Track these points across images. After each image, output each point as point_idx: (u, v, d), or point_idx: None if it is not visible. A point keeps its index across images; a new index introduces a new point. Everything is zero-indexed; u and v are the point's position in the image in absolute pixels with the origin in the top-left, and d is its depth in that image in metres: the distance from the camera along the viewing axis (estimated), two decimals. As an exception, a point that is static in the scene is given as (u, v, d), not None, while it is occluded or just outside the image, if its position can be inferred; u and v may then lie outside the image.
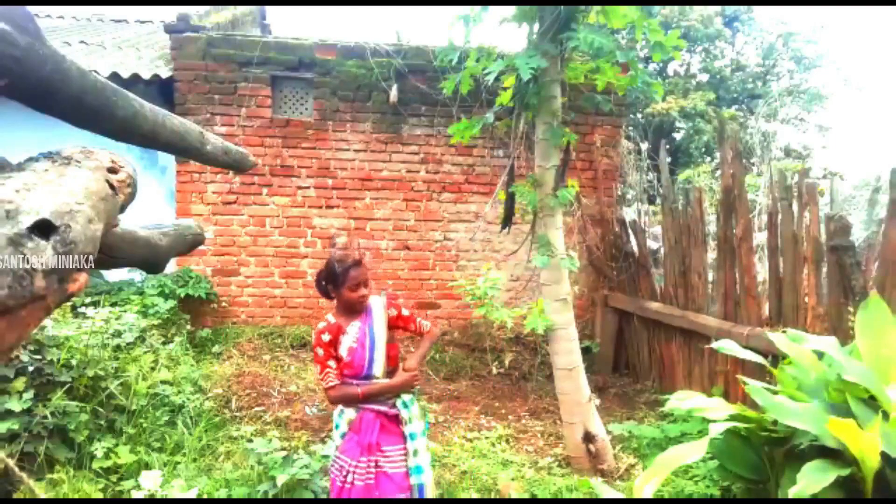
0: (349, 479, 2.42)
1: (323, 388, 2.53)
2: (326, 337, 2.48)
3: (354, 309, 2.53)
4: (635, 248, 5.47)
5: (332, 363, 2.46)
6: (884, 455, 2.04)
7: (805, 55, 19.23)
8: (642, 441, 3.89)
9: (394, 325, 2.60)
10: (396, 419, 2.52)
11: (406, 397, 2.54)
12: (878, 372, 2.31)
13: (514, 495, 3.24)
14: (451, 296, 5.78)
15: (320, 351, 2.47)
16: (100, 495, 2.93)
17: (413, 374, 2.53)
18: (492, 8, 3.33)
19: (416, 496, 2.47)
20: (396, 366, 2.57)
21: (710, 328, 4.21)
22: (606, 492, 2.47)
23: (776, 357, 3.08)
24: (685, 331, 4.65)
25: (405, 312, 2.64)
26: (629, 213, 5.88)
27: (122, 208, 1.25)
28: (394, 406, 2.51)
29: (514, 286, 5.98)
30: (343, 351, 2.47)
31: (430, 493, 2.49)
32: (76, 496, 2.84)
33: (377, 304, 2.59)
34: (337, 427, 2.56)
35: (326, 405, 4.38)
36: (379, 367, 2.49)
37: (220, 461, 3.46)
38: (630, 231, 5.58)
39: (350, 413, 2.51)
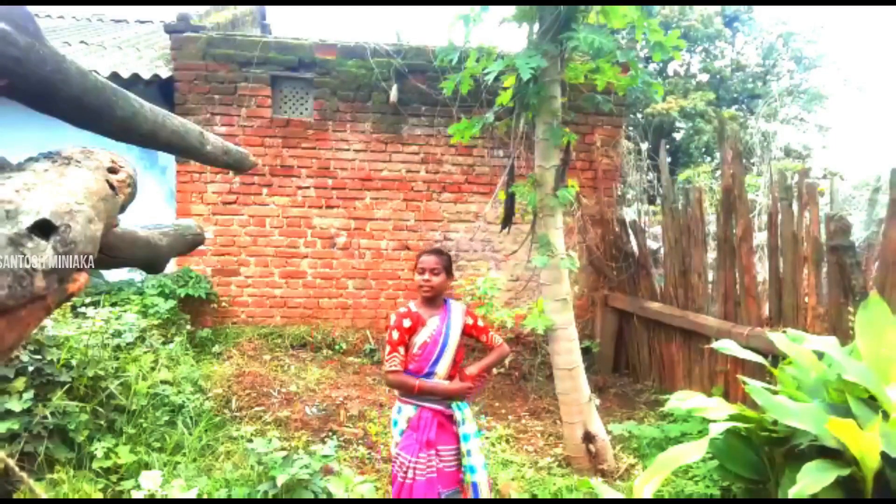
0: (409, 475, 2.49)
1: (385, 369, 2.61)
2: (407, 323, 2.58)
3: (424, 294, 2.62)
4: (635, 248, 5.47)
5: (401, 349, 2.55)
6: (884, 455, 2.04)
7: (805, 55, 19.24)
8: (642, 441, 3.89)
9: (468, 333, 2.69)
10: (451, 419, 2.59)
11: (460, 399, 2.61)
12: (878, 372, 2.31)
13: (514, 495, 3.24)
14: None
15: (395, 334, 2.56)
16: (100, 495, 2.93)
17: (470, 384, 2.60)
18: (492, 8, 3.33)
19: (471, 495, 2.55)
20: (457, 373, 2.64)
21: (710, 328, 4.21)
22: (606, 492, 2.47)
23: (776, 357, 3.08)
24: (685, 331, 4.65)
25: (480, 323, 2.74)
26: (629, 213, 5.87)
27: (123, 208, 1.25)
28: (449, 406, 2.59)
29: (514, 286, 5.98)
30: (417, 341, 2.56)
31: (485, 491, 2.56)
32: (76, 496, 2.84)
33: (457, 309, 2.70)
34: (395, 424, 2.63)
35: (326, 405, 4.38)
36: (444, 368, 2.57)
37: (220, 461, 3.46)
38: (630, 231, 5.58)
39: (409, 410, 2.58)
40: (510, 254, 5.55)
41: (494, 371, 5.33)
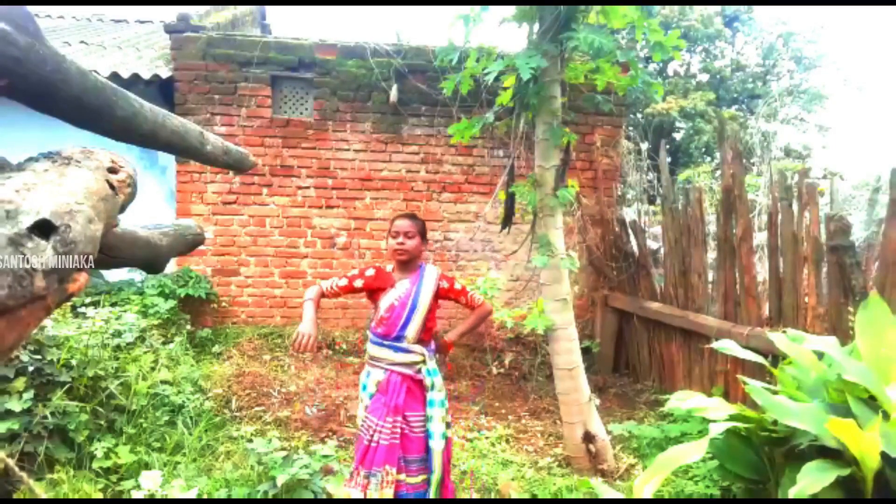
0: (374, 437, 2.53)
1: (319, 283, 2.70)
2: (370, 272, 2.67)
3: (397, 260, 2.65)
4: (635, 248, 5.47)
5: (344, 281, 2.66)
6: (884, 455, 2.04)
7: (805, 55, 19.24)
8: (642, 441, 3.89)
9: (444, 296, 2.72)
10: (421, 385, 2.62)
11: (431, 365, 2.64)
12: (878, 372, 2.31)
13: (514, 495, 3.24)
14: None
15: (352, 272, 2.69)
16: (100, 495, 2.93)
17: (305, 343, 2.52)
18: (492, 8, 3.33)
19: (429, 460, 2.59)
20: (429, 338, 2.69)
21: (710, 328, 4.21)
22: (606, 492, 2.47)
23: (776, 357, 3.08)
24: (685, 331, 4.65)
25: (457, 286, 2.76)
26: (629, 213, 5.87)
27: (123, 208, 1.25)
28: (419, 372, 2.62)
29: (514, 286, 5.98)
30: (383, 304, 2.61)
31: (438, 459, 2.59)
32: (76, 496, 2.84)
33: (430, 273, 2.71)
34: (364, 388, 2.68)
35: (326, 405, 4.38)
36: (412, 331, 2.60)
37: (220, 461, 3.46)
38: (630, 231, 5.58)
39: (378, 374, 2.63)
40: (510, 254, 5.55)
41: (495, 371, 5.33)
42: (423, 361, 2.64)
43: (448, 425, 2.72)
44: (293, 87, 5.82)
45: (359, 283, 2.66)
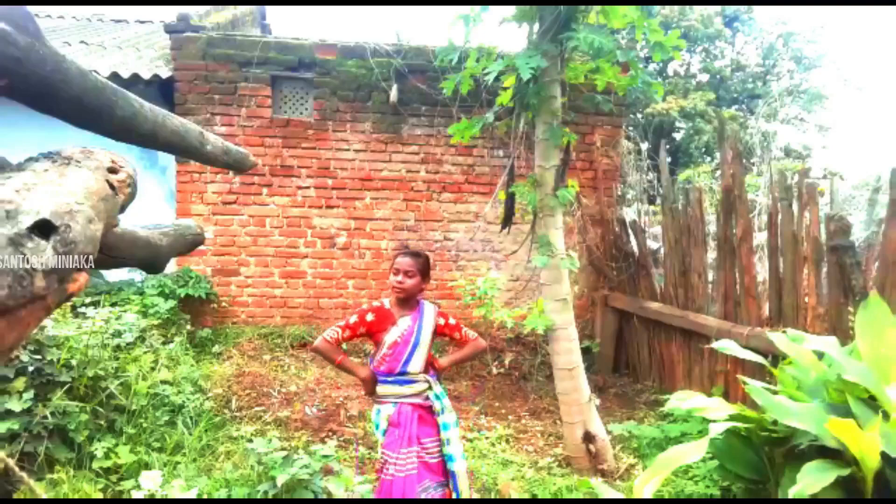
0: (390, 470, 2.52)
1: (322, 335, 2.64)
2: (370, 317, 2.64)
3: (397, 296, 2.65)
4: (635, 248, 5.47)
5: (347, 332, 2.62)
6: (884, 455, 2.04)
7: (805, 55, 19.24)
8: (642, 441, 3.89)
9: (440, 332, 2.74)
10: (430, 410, 2.64)
11: (438, 389, 2.66)
12: (878, 372, 2.31)
13: (514, 495, 3.24)
14: (451, 296, 5.78)
15: (353, 318, 2.63)
16: (100, 495, 2.93)
17: (371, 386, 2.65)
18: (492, 8, 3.33)
19: (451, 483, 2.60)
20: (429, 369, 2.70)
21: (710, 328, 4.21)
22: (606, 492, 2.47)
23: (776, 357, 3.08)
24: (685, 331, 4.65)
25: (452, 322, 2.78)
26: (629, 213, 5.87)
27: (122, 208, 1.25)
28: (427, 398, 2.64)
29: (514, 286, 5.98)
30: (387, 340, 2.60)
31: (463, 480, 2.60)
32: (76, 496, 2.84)
33: (429, 310, 2.73)
34: (377, 427, 2.67)
35: (326, 405, 4.38)
36: (416, 367, 2.61)
37: (220, 461, 3.46)
38: (630, 231, 5.58)
39: (388, 409, 2.62)
40: (510, 254, 5.55)
41: (495, 371, 5.33)
42: (430, 387, 2.65)
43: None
44: (293, 87, 5.82)
45: (362, 330, 2.65)
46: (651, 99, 14.72)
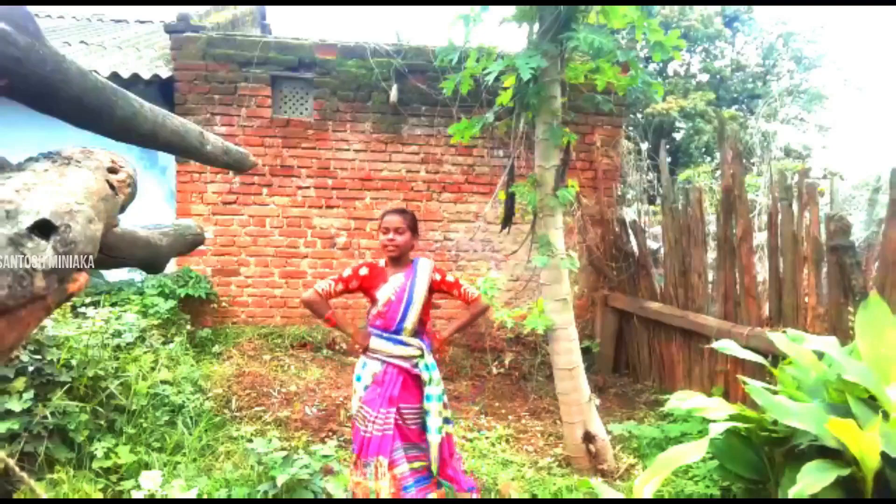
0: (369, 428, 2.57)
1: (314, 287, 2.68)
2: (364, 271, 2.67)
3: (389, 254, 2.66)
4: (635, 248, 5.47)
5: (340, 286, 2.66)
6: (884, 455, 2.04)
7: (805, 55, 19.24)
8: (642, 441, 3.89)
9: (437, 288, 2.74)
10: (418, 379, 2.64)
11: (429, 360, 2.66)
12: (878, 372, 2.31)
13: (514, 495, 3.24)
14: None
15: (346, 272, 2.68)
16: (100, 495, 2.93)
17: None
18: (492, 8, 3.33)
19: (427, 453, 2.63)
20: (425, 332, 2.72)
21: (710, 328, 4.21)
22: (606, 492, 2.47)
23: (776, 357, 3.08)
24: (685, 331, 4.65)
25: (449, 278, 2.77)
26: (629, 213, 5.87)
27: (122, 208, 1.25)
28: (416, 366, 2.64)
29: (514, 286, 5.98)
30: (380, 298, 2.63)
31: (434, 453, 2.62)
32: (76, 496, 2.84)
33: (424, 266, 2.72)
34: (359, 379, 2.70)
35: (326, 405, 4.38)
36: (410, 323, 2.63)
37: (220, 461, 3.46)
38: (630, 231, 5.58)
39: (375, 366, 2.66)
40: (510, 254, 5.55)
41: (495, 371, 5.33)
42: (421, 356, 2.66)
43: (447, 420, 2.72)
44: (293, 87, 5.82)
45: (354, 284, 2.68)
46: (651, 99, 14.72)
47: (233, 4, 7.81)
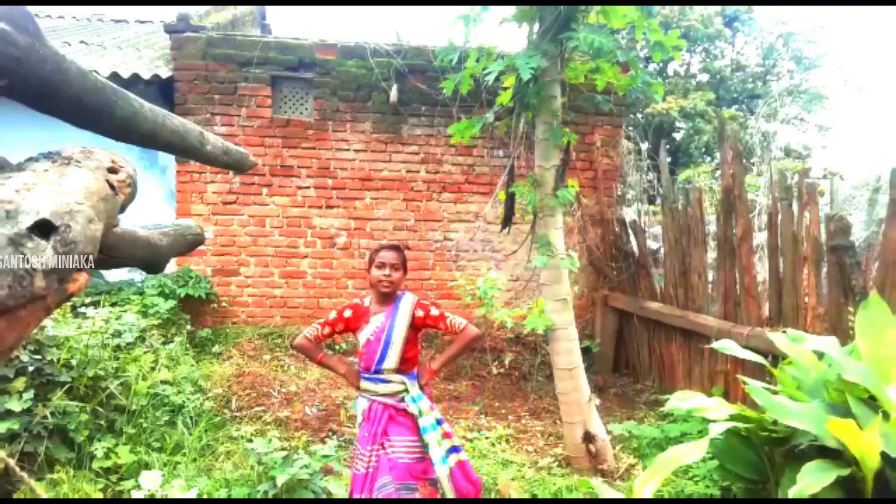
0: (357, 465, 2.55)
1: (303, 332, 2.68)
2: (348, 313, 2.65)
3: (380, 292, 2.61)
4: (635, 248, 5.47)
5: (327, 329, 2.65)
6: (884, 455, 2.04)
7: (805, 55, 19.24)
8: (642, 441, 3.89)
9: (421, 325, 2.64)
10: (406, 413, 2.58)
11: (414, 392, 2.58)
12: (878, 372, 2.31)
13: (514, 495, 3.24)
14: (451, 296, 5.78)
15: (332, 314, 2.66)
16: (100, 495, 2.93)
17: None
18: (492, 8, 3.33)
19: (436, 491, 2.54)
20: (411, 368, 2.64)
21: (710, 328, 4.21)
22: (606, 492, 2.47)
23: (776, 357, 3.08)
24: (685, 331, 4.65)
25: (433, 312, 2.67)
26: (629, 213, 5.87)
27: (122, 208, 1.25)
28: (402, 401, 2.57)
29: (514, 286, 5.98)
30: (361, 339, 2.61)
31: (446, 485, 2.50)
32: (76, 496, 2.84)
33: (406, 303, 2.64)
34: (357, 418, 2.72)
35: (326, 405, 4.38)
36: (390, 364, 2.56)
37: (220, 461, 3.46)
38: (630, 231, 5.58)
39: (362, 402, 2.64)
40: (510, 254, 5.55)
41: (495, 371, 5.33)
42: (405, 390, 2.58)
43: (454, 449, 2.59)
44: (293, 87, 5.82)
45: (340, 326, 2.66)
46: (651, 99, 14.72)
47: (233, 4, 7.81)
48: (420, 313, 2.62)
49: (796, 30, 19.14)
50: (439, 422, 2.59)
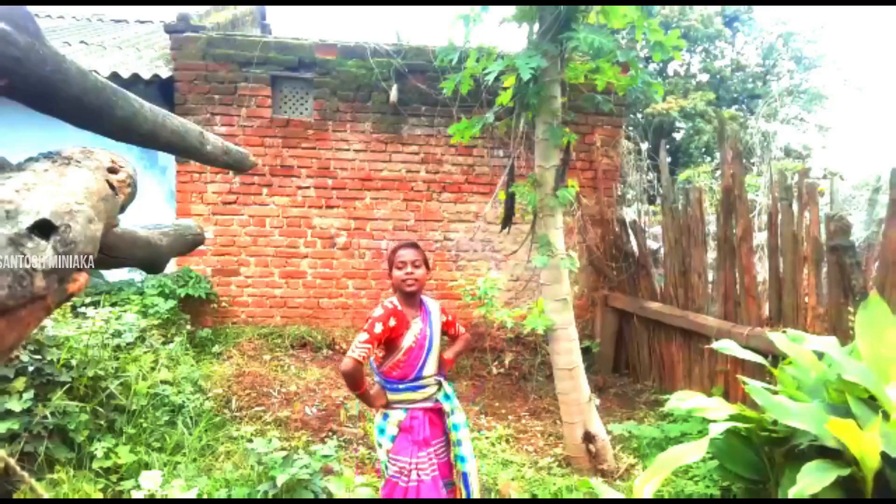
0: (413, 476, 2.43)
1: (349, 354, 2.35)
2: (393, 322, 2.41)
3: (405, 292, 2.48)
4: (635, 248, 5.47)
5: (375, 344, 2.38)
6: (884, 455, 2.04)
7: (805, 55, 19.24)
8: (642, 441, 3.89)
9: (446, 330, 2.65)
10: (440, 412, 2.57)
11: (448, 389, 2.59)
12: (878, 372, 2.31)
13: (514, 495, 3.24)
14: (451, 296, 5.78)
15: (378, 327, 2.36)
16: (100, 495, 2.93)
17: (382, 403, 2.55)
18: (492, 8, 3.33)
19: (461, 485, 2.53)
20: (440, 368, 2.61)
21: (710, 328, 4.21)
22: (606, 492, 2.47)
23: (776, 357, 3.08)
24: (685, 331, 4.65)
25: (449, 318, 2.70)
26: (629, 213, 5.87)
27: (122, 208, 1.25)
28: (436, 401, 2.56)
29: (514, 286, 5.98)
30: (403, 346, 2.44)
31: (474, 480, 2.54)
32: (76, 496, 2.84)
33: (435, 308, 2.61)
34: (382, 432, 2.52)
35: (326, 405, 4.38)
36: (431, 370, 2.51)
37: (220, 461, 3.46)
38: (630, 231, 5.58)
39: (398, 415, 2.50)
40: (510, 254, 5.55)
41: (495, 371, 5.33)
42: (439, 389, 2.56)
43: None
44: (293, 87, 5.82)
45: (385, 338, 2.44)
46: (651, 99, 14.72)
47: (233, 4, 7.81)
48: (444, 318, 2.63)
49: (796, 30, 19.14)
50: (467, 419, 2.67)
